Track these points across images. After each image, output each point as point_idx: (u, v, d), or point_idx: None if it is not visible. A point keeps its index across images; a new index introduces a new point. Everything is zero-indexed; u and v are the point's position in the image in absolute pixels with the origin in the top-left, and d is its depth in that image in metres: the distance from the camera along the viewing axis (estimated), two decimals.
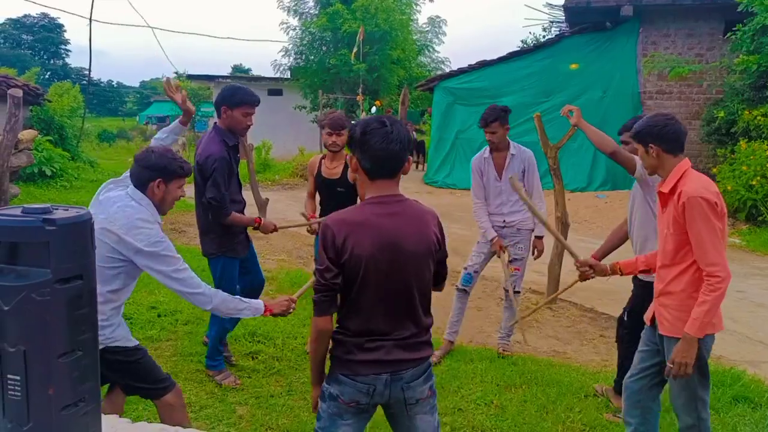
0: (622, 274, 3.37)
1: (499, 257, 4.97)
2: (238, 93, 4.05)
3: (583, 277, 3.46)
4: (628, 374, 3.24)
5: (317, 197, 4.98)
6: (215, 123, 4.15)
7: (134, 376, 2.99)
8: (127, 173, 3.06)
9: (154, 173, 2.92)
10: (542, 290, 6.60)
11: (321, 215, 4.78)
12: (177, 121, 3.54)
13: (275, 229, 4.49)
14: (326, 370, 2.36)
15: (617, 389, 3.92)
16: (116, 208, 2.86)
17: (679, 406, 3.01)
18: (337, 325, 2.29)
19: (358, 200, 4.56)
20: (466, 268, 5.05)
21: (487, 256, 5.04)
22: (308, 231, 4.82)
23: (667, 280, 2.92)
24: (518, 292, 5.06)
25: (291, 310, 3.16)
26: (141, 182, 2.94)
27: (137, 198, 2.92)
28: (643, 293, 3.68)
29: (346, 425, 2.26)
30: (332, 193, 4.78)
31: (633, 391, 3.18)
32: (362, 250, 2.13)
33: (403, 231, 2.19)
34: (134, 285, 3.08)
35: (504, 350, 4.99)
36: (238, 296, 3.13)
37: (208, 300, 2.95)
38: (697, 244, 2.74)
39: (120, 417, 1.73)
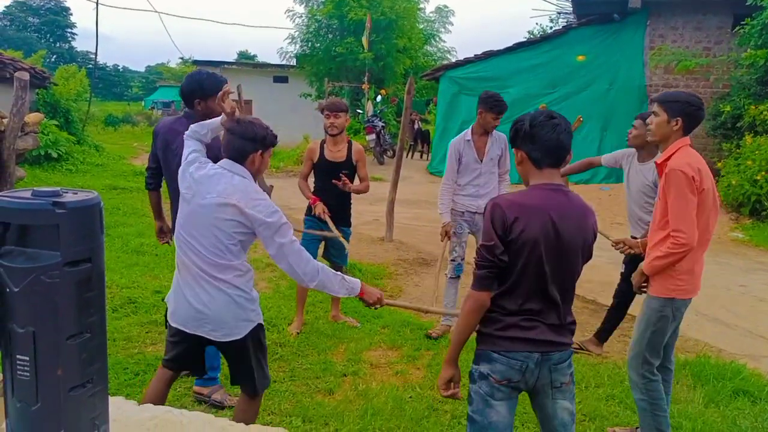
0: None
1: (441, 240, 5.25)
2: (206, 83, 3.58)
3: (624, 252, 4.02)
4: None
5: (310, 180, 5.14)
6: (186, 110, 3.70)
7: (262, 364, 3.01)
8: (192, 145, 3.03)
9: (256, 145, 2.92)
10: None
11: (318, 195, 4.98)
12: (219, 121, 3.15)
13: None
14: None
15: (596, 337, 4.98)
16: (225, 184, 2.83)
17: (629, 359, 3.37)
18: (492, 305, 2.37)
19: (357, 180, 4.59)
20: (453, 260, 5.23)
21: (465, 243, 5.26)
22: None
23: (652, 244, 3.22)
24: None
25: (380, 305, 3.06)
26: (242, 154, 2.91)
27: (238, 171, 2.89)
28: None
29: (498, 405, 2.36)
30: (333, 174, 4.93)
31: None
32: (530, 233, 2.25)
33: (567, 221, 2.32)
34: None
35: None
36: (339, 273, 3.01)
37: (315, 274, 2.87)
38: (670, 211, 3.06)
39: (126, 399, 1.76)
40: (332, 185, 4.93)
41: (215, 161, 2.98)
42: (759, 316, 6.11)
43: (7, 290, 1.25)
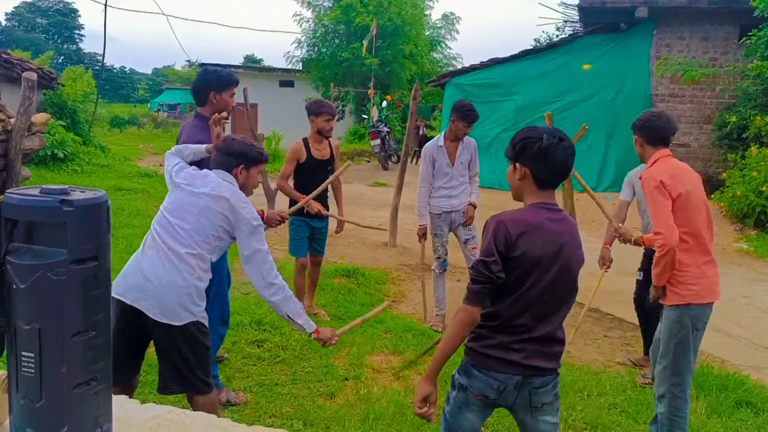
0: (644, 245, 3.98)
1: (419, 241, 5.74)
2: (222, 76, 3.76)
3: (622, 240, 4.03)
4: (653, 345, 3.63)
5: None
6: (198, 111, 3.82)
7: (200, 361, 2.94)
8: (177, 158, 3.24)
9: (237, 159, 3.09)
10: None
11: (303, 193, 5.03)
12: (204, 148, 3.37)
13: (281, 220, 4.09)
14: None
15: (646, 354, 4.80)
16: (218, 182, 3.00)
17: (657, 372, 3.38)
18: (481, 319, 2.33)
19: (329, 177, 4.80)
20: (439, 258, 5.65)
21: (447, 242, 5.69)
22: (309, 212, 5.11)
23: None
24: None
25: (333, 343, 3.18)
26: (226, 168, 3.09)
27: (228, 178, 3.06)
28: None
29: (470, 414, 2.39)
30: (320, 172, 5.21)
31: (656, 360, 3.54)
32: (534, 250, 2.23)
33: (566, 239, 2.31)
34: None
35: None
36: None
37: (281, 290, 2.97)
38: (651, 216, 3.27)
39: (128, 398, 1.76)
40: (318, 181, 4.98)
41: None
42: (763, 327, 6.09)
43: (14, 287, 1.25)
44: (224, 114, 3.46)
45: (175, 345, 2.88)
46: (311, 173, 5.21)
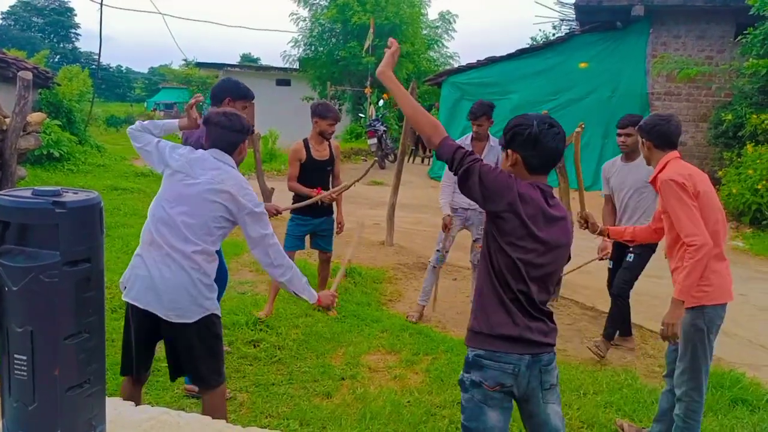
0: (608, 237, 4.00)
1: (444, 231, 5.64)
2: (241, 87, 4.11)
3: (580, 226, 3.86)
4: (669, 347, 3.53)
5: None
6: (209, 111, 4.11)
7: (213, 355, 2.99)
8: (142, 131, 3.14)
9: (243, 135, 3.08)
10: None
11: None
12: (176, 123, 3.34)
13: (276, 214, 4.90)
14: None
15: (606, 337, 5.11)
16: (218, 171, 2.95)
17: (676, 377, 3.32)
18: (479, 315, 2.40)
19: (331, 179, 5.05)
20: (438, 250, 5.72)
21: (454, 238, 5.77)
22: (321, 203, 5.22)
23: (675, 259, 3.23)
24: None
25: (334, 304, 3.32)
26: (232, 145, 3.04)
27: (227, 161, 3.02)
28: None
29: (493, 412, 2.37)
30: (321, 172, 5.32)
31: (672, 359, 3.46)
32: (527, 211, 2.30)
33: (554, 211, 2.38)
34: None
35: None
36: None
37: (288, 269, 3.04)
38: (675, 220, 3.11)
39: (123, 400, 1.76)
40: (318, 182, 5.26)
41: None
42: (759, 325, 6.10)
43: (6, 289, 1.25)
44: (200, 96, 3.49)
45: (188, 343, 2.93)
46: (311, 173, 5.26)
